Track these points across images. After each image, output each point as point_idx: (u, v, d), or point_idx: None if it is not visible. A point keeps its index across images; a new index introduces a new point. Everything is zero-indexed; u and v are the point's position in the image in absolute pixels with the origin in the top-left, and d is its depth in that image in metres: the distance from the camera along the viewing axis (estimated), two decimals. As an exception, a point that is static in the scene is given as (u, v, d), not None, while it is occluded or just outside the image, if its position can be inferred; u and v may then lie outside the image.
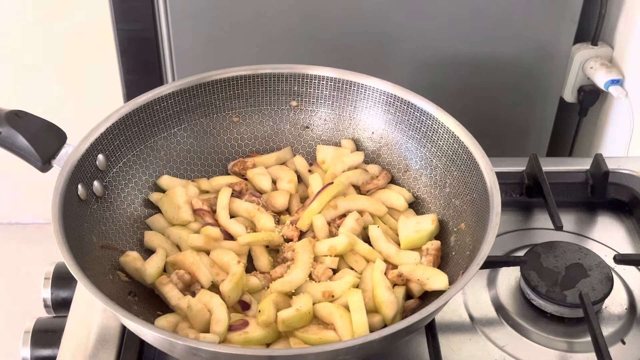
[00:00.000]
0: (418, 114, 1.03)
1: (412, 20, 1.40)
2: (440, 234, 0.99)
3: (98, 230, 0.95)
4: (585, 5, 1.43)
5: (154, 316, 0.91)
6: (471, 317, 0.99)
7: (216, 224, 1.00)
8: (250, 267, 0.98)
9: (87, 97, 2.04)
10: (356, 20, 1.39)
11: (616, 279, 1.02)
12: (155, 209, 1.03)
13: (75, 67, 2.02)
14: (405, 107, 1.04)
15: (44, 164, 0.93)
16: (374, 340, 0.77)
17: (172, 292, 0.92)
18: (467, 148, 0.97)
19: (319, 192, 1.00)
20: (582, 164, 1.17)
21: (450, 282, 0.88)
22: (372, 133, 1.08)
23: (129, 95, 1.56)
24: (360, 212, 1.00)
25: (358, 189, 1.05)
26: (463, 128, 0.99)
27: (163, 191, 1.03)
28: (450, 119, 1.00)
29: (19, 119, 0.93)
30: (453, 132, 0.99)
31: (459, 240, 0.96)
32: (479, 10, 1.41)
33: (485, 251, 0.84)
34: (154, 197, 1.02)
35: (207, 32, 1.39)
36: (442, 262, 0.96)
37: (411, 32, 1.41)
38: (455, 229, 0.97)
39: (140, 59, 1.53)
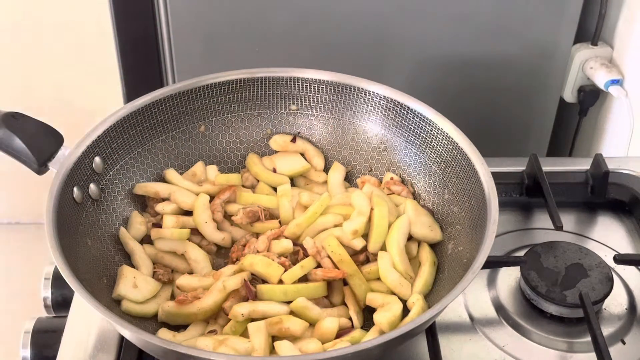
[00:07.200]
0: (417, 119, 1.02)
1: (411, 22, 1.40)
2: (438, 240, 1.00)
3: (93, 234, 0.95)
4: (585, 5, 1.43)
5: (147, 321, 0.92)
6: (471, 317, 0.99)
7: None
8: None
9: (87, 98, 2.04)
10: (356, 21, 1.39)
11: (616, 279, 1.02)
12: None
13: (75, 67, 2.02)
14: (405, 112, 1.03)
15: (40, 167, 0.93)
16: (368, 349, 0.78)
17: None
18: (465, 154, 0.96)
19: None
20: (582, 164, 1.17)
21: (447, 291, 0.88)
22: (371, 137, 1.07)
23: (129, 95, 1.56)
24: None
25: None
26: (462, 134, 0.98)
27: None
28: (449, 124, 0.99)
29: (15, 121, 0.92)
30: (452, 138, 0.98)
31: (456, 247, 0.95)
32: (478, 11, 1.40)
33: (481, 260, 0.84)
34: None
35: (207, 32, 1.39)
36: (439, 269, 0.96)
37: (411, 33, 1.41)
38: (453, 236, 0.97)
39: (140, 59, 1.53)
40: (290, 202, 1.03)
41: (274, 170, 1.07)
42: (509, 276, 1.03)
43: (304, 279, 0.94)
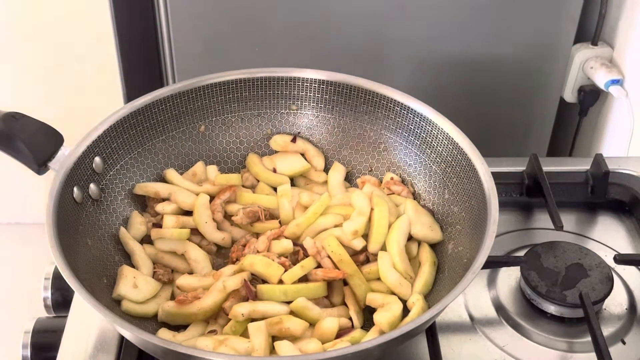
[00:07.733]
0: (417, 119, 1.02)
1: (412, 22, 1.40)
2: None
3: (93, 234, 0.95)
4: (585, 5, 1.43)
5: (147, 321, 0.92)
6: (471, 317, 0.99)
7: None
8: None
9: (87, 98, 2.04)
10: (356, 21, 1.39)
11: (616, 279, 1.02)
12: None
13: (75, 67, 2.02)
14: (405, 112, 1.03)
15: (40, 167, 0.92)
16: (368, 349, 0.78)
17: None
18: (465, 154, 0.96)
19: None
20: (582, 164, 1.17)
21: (447, 291, 0.88)
22: (372, 137, 1.07)
23: (129, 95, 1.56)
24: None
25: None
26: (462, 134, 0.98)
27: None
28: (449, 124, 0.99)
29: (15, 121, 0.92)
30: (452, 138, 0.98)
31: (456, 247, 0.95)
32: (478, 11, 1.40)
33: (481, 260, 0.84)
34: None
35: (207, 32, 1.39)
36: (439, 269, 0.96)
37: (411, 33, 1.41)
38: (453, 236, 0.97)
39: (140, 59, 1.53)
40: (290, 202, 1.03)
41: (274, 170, 1.07)
42: (509, 276, 1.03)
43: (304, 279, 0.94)
